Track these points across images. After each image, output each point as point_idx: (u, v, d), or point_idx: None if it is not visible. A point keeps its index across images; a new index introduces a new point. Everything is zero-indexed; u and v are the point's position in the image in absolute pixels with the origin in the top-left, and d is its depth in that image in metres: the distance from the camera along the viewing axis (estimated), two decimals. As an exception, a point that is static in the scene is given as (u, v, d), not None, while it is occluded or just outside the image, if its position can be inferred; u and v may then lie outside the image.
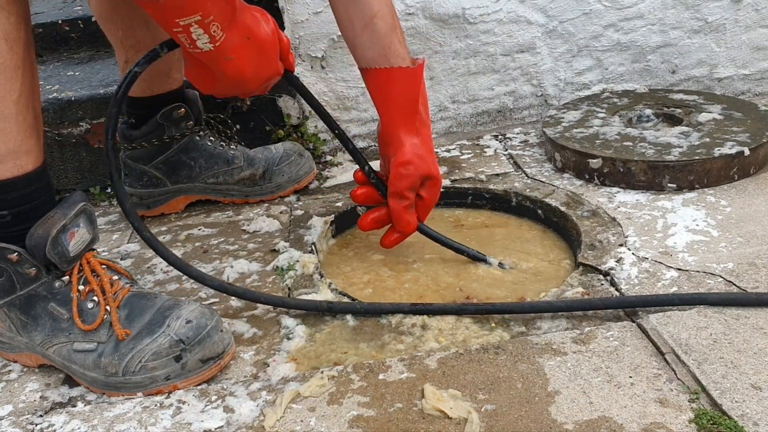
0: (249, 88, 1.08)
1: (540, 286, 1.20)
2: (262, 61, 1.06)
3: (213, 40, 0.98)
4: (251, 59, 1.04)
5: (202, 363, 0.99)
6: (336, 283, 1.23)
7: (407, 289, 1.23)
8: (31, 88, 0.99)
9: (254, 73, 1.06)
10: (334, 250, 1.38)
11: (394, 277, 1.27)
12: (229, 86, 1.07)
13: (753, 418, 0.83)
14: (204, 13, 0.95)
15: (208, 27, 0.96)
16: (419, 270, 1.28)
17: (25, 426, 0.96)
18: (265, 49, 1.05)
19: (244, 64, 1.03)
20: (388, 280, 1.26)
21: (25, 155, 0.99)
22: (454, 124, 1.79)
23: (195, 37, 0.96)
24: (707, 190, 1.35)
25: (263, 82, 1.08)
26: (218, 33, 0.97)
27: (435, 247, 1.30)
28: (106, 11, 1.39)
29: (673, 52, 1.75)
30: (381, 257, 1.33)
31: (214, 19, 0.96)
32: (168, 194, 1.52)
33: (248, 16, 1.03)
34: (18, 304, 1.03)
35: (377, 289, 1.24)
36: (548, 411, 0.87)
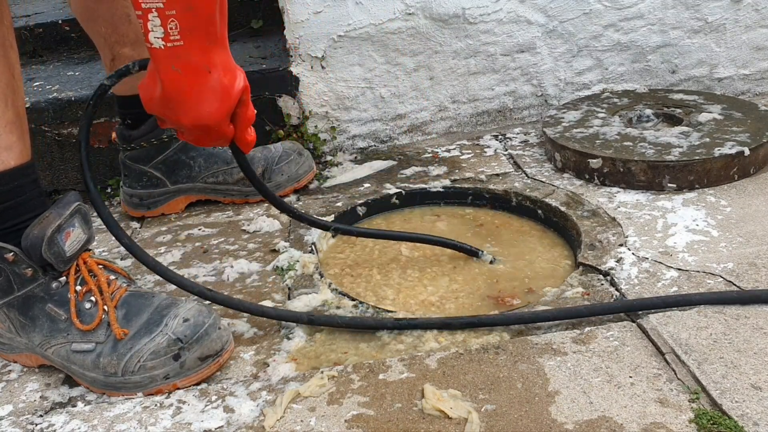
0: (181, 119, 0.96)
1: (542, 282, 1.20)
2: (209, 102, 0.95)
3: (166, 38, 0.91)
4: (197, 89, 0.94)
5: (201, 361, 0.99)
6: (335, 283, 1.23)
7: (405, 289, 1.23)
8: (9, 86, 0.99)
9: (194, 106, 0.95)
10: (335, 250, 1.38)
11: (394, 278, 1.27)
12: (165, 104, 0.96)
13: (753, 418, 0.82)
14: (167, 3, 0.89)
15: (165, 20, 0.90)
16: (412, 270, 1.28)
17: (25, 426, 0.96)
18: (219, 94, 0.95)
19: (187, 87, 0.94)
20: (388, 280, 1.26)
21: (5, 151, 0.99)
22: (454, 124, 1.79)
23: (150, 27, 0.91)
24: (707, 190, 1.35)
25: (199, 123, 0.96)
26: (174, 33, 0.91)
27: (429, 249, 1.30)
28: (88, 10, 1.39)
29: (673, 52, 1.75)
30: (381, 258, 1.33)
31: (175, 16, 0.90)
32: (168, 194, 1.52)
33: (225, 57, 0.95)
34: (16, 305, 1.03)
35: (377, 289, 1.24)
36: (548, 411, 0.87)
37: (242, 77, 0.97)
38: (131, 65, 1.05)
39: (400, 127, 1.76)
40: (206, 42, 0.92)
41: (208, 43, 0.93)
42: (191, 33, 0.91)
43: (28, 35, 1.98)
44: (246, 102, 0.99)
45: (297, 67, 1.67)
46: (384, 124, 1.75)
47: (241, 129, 1.00)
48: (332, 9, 1.63)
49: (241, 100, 0.98)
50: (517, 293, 1.19)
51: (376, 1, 1.63)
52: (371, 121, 1.74)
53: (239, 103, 0.98)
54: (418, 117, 1.76)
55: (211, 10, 0.91)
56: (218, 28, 0.93)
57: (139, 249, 1.09)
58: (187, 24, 0.90)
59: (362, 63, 1.68)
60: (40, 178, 1.09)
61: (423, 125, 1.77)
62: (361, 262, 1.32)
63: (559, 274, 1.23)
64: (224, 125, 0.98)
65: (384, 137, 1.77)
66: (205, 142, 1.00)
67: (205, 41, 0.92)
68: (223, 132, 0.99)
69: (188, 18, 0.90)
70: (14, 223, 1.00)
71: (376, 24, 1.65)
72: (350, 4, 1.62)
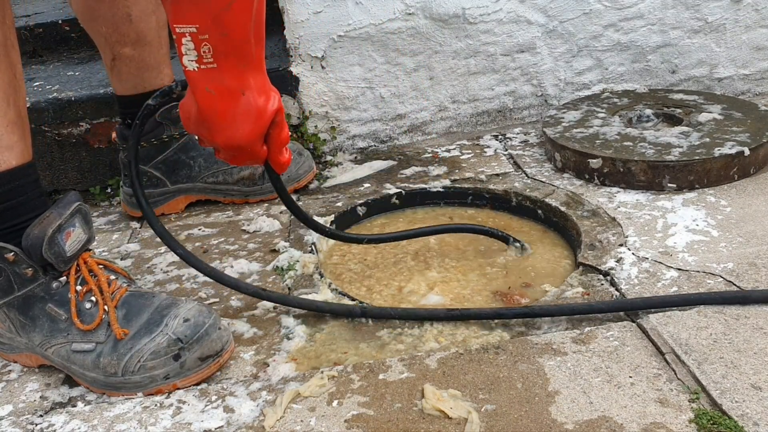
0: (216, 139, 0.98)
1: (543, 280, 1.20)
2: (242, 123, 0.96)
3: (199, 61, 0.92)
4: (231, 111, 0.95)
5: (201, 361, 0.99)
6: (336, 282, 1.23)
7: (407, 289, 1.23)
8: (11, 86, 1.00)
9: (228, 127, 0.96)
10: (335, 249, 1.38)
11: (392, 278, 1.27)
12: (200, 124, 0.98)
13: (753, 418, 0.82)
14: (200, 28, 0.90)
15: (199, 44, 0.91)
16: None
17: (25, 426, 0.96)
18: (252, 116, 0.96)
19: (221, 108, 0.95)
20: (387, 280, 1.26)
21: (7, 150, 0.99)
22: (454, 124, 1.79)
23: (184, 51, 0.92)
24: (707, 190, 1.35)
25: (232, 143, 0.98)
26: (208, 56, 0.92)
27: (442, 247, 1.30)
28: (88, 9, 1.39)
29: (673, 52, 1.75)
30: (381, 258, 1.33)
31: (208, 40, 0.91)
32: (168, 194, 1.52)
33: (259, 79, 0.97)
34: (16, 304, 1.03)
35: (377, 288, 1.24)
36: (548, 411, 0.87)
37: (276, 99, 0.98)
38: (174, 86, 1.06)
39: (400, 127, 1.76)
40: (240, 65, 0.93)
41: (242, 66, 0.94)
42: (225, 56, 0.92)
43: (28, 35, 1.98)
44: (279, 123, 0.99)
45: (297, 67, 1.67)
46: (384, 124, 1.75)
47: (274, 150, 1.01)
48: (332, 9, 1.63)
49: (274, 122, 0.98)
50: (526, 293, 1.19)
51: (376, 1, 1.63)
52: (371, 121, 1.74)
53: (272, 124, 0.99)
54: (418, 117, 1.76)
55: (245, 36, 0.92)
56: (253, 52, 0.94)
57: (194, 257, 1.11)
58: (221, 48, 0.92)
59: (362, 63, 1.68)
60: (41, 178, 1.09)
61: (423, 125, 1.77)
62: (362, 263, 1.32)
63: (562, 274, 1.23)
64: (257, 146, 0.99)
65: (384, 137, 1.77)
66: (240, 161, 1.02)
67: (239, 64, 0.93)
68: (256, 153, 1.00)
69: (222, 42, 0.91)
70: (15, 223, 1.01)
71: (376, 24, 1.65)
72: (350, 4, 1.63)
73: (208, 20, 0.89)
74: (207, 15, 0.89)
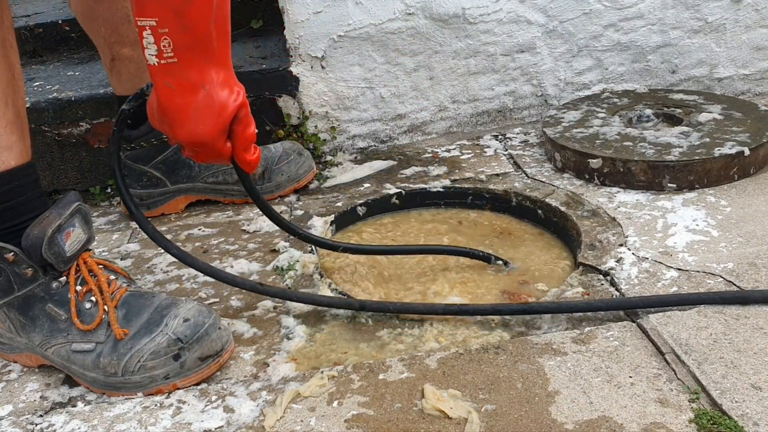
0: (177, 135, 0.96)
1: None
2: (202, 118, 0.94)
3: (159, 55, 0.91)
4: (191, 106, 0.93)
5: (201, 361, 0.99)
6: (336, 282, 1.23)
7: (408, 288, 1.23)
8: (9, 86, 1.00)
9: (188, 122, 0.94)
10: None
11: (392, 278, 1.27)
12: (161, 119, 0.97)
13: (753, 418, 0.82)
14: (159, 21, 0.89)
15: (159, 38, 0.90)
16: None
17: (25, 426, 0.96)
18: (213, 112, 0.94)
19: (181, 103, 0.93)
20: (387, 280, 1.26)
21: (5, 151, 0.99)
22: (454, 124, 1.79)
23: (145, 44, 0.91)
24: (707, 190, 1.35)
25: (193, 139, 0.95)
26: (167, 51, 0.90)
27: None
28: (87, 10, 1.40)
29: (673, 52, 1.75)
30: (381, 257, 1.33)
31: (168, 34, 0.89)
32: (168, 194, 1.52)
33: (223, 74, 0.94)
34: (16, 304, 1.03)
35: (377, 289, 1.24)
36: (548, 411, 0.87)
37: (240, 95, 0.96)
38: (146, 87, 1.05)
39: (400, 127, 1.76)
40: (201, 60, 0.92)
41: (203, 61, 0.92)
42: (185, 51, 0.91)
43: (28, 35, 1.98)
44: (242, 120, 0.97)
45: (297, 67, 1.67)
46: (384, 124, 1.75)
47: (238, 147, 0.99)
48: (332, 9, 1.63)
49: (237, 118, 0.96)
50: (533, 293, 1.19)
51: (376, 1, 1.63)
52: (371, 121, 1.74)
53: (236, 120, 0.96)
54: (418, 117, 1.76)
55: (206, 29, 0.90)
56: (215, 46, 0.92)
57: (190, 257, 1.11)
58: (181, 42, 0.90)
59: (362, 63, 1.68)
60: (40, 178, 1.09)
61: (423, 125, 1.77)
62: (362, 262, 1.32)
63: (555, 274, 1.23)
64: (219, 143, 0.96)
65: (384, 137, 1.77)
66: (205, 158, 0.99)
67: (200, 59, 0.92)
68: (219, 149, 0.97)
69: (182, 36, 0.90)
70: (14, 223, 1.01)
71: (376, 24, 1.65)
72: (350, 4, 1.63)
73: (168, 13, 0.88)
74: (167, 8, 0.88)
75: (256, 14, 1.99)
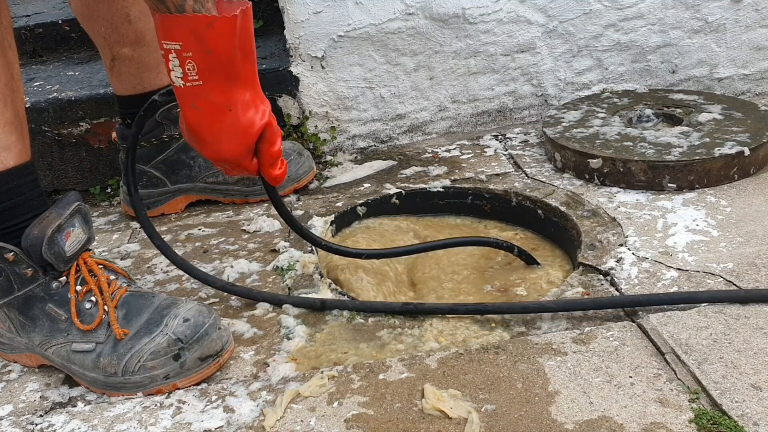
0: (204, 152, 1.00)
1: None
2: (228, 139, 0.96)
3: (185, 78, 0.93)
4: (217, 127, 0.96)
5: (201, 361, 0.99)
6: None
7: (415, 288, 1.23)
8: (8, 86, 1.00)
9: (214, 142, 0.97)
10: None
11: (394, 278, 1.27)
12: (188, 135, 1.00)
13: (753, 418, 0.82)
14: (184, 46, 0.90)
15: (183, 61, 0.91)
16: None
17: (25, 426, 0.96)
18: (239, 133, 0.96)
19: (206, 125, 0.95)
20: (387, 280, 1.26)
21: (4, 151, 0.99)
22: (454, 124, 1.79)
23: (171, 67, 0.93)
24: (707, 190, 1.35)
25: (219, 158, 0.99)
26: (192, 74, 0.92)
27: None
28: (87, 9, 1.40)
29: (673, 52, 1.75)
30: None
31: (192, 57, 0.91)
32: (168, 194, 1.52)
33: (248, 95, 0.96)
34: (16, 305, 1.03)
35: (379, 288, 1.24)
36: (548, 411, 0.87)
37: (266, 114, 0.98)
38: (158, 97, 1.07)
39: (400, 127, 1.76)
40: (226, 82, 0.93)
41: (227, 83, 0.93)
42: (210, 74, 0.92)
43: (28, 35, 1.98)
44: (269, 138, 0.99)
45: (297, 67, 1.67)
46: (384, 124, 1.75)
47: (264, 164, 1.01)
48: (332, 9, 1.63)
49: (263, 137, 0.98)
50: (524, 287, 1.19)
51: (376, 1, 1.63)
52: (371, 121, 1.74)
53: (261, 139, 0.98)
54: (418, 117, 1.76)
55: (229, 53, 0.92)
56: (239, 68, 0.93)
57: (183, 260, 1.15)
58: (205, 65, 0.91)
59: (362, 63, 1.68)
60: (40, 178, 1.09)
61: (423, 125, 1.77)
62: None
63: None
64: (244, 161, 0.99)
65: (384, 137, 1.77)
66: (233, 173, 1.03)
67: (224, 81, 0.93)
68: (245, 167, 1.00)
69: (206, 60, 0.91)
70: (14, 223, 1.01)
71: (376, 24, 1.65)
72: (350, 4, 1.63)
73: (190, 38, 0.89)
74: (189, 33, 0.89)
75: (256, 14, 1.99)
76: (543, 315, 1.06)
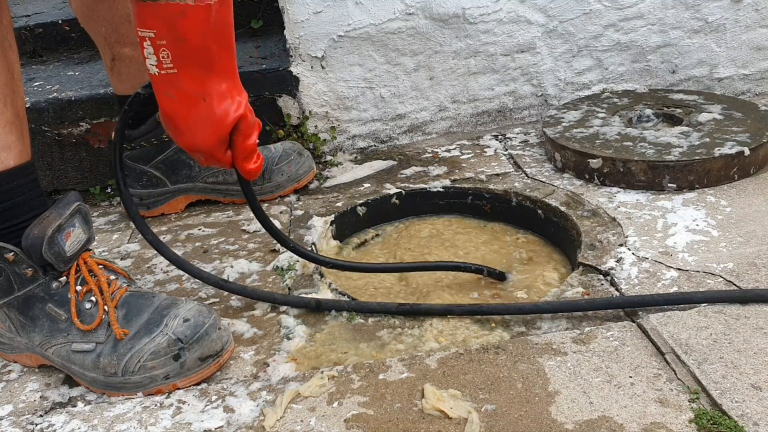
0: (178, 141, 0.98)
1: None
2: (201, 129, 0.95)
3: (159, 66, 0.91)
4: (191, 116, 0.94)
5: (201, 361, 0.99)
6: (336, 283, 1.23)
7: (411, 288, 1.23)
8: (8, 86, 1.00)
9: (187, 131, 0.96)
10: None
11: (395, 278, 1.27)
12: (164, 123, 0.99)
13: (753, 418, 0.82)
14: (157, 33, 0.89)
15: (158, 49, 0.90)
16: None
17: (25, 426, 0.96)
18: (212, 123, 0.95)
19: (181, 113, 0.94)
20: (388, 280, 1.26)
21: (4, 151, 0.99)
22: (454, 124, 1.79)
23: (146, 54, 0.92)
24: (707, 190, 1.35)
25: (192, 147, 0.98)
26: (167, 61, 0.91)
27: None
28: (88, 9, 1.40)
29: (673, 52, 1.75)
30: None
31: (166, 46, 0.90)
32: (168, 194, 1.52)
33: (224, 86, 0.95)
34: (16, 305, 1.03)
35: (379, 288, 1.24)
36: (548, 411, 0.87)
37: (241, 106, 0.96)
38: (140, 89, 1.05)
39: (400, 127, 1.76)
40: (201, 71, 0.92)
41: (203, 72, 0.92)
42: (183, 62, 0.91)
43: (28, 35, 1.98)
44: (243, 131, 0.97)
45: (297, 67, 1.67)
46: (384, 124, 1.75)
47: (238, 157, 0.99)
48: (332, 9, 1.63)
49: (237, 129, 0.97)
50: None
51: (376, 1, 1.63)
52: (371, 121, 1.74)
53: (236, 131, 0.97)
54: (418, 117, 1.76)
55: (203, 42, 0.91)
56: (215, 57, 0.93)
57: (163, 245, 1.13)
58: (179, 53, 0.91)
59: (362, 63, 1.68)
60: (40, 178, 1.09)
61: (423, 125, 1.77)
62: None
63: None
64: (218, 152, 0.98)
65: (384, 137, 1.77)
66: (206, 163, 1.01)
67: (199, 70, 0.92)
68: (218, 158, 0.98)
69: (179, 48, 0.90)
70: (14, 223, 1.01)
71: (376, 24, 1.65)
72: (350, 4, 1.63)
73: (163, 26, 0.89)
74: (162, 21, 0.88)
75: (256, 14, 1.99)
76: (543, 315, 1.06)
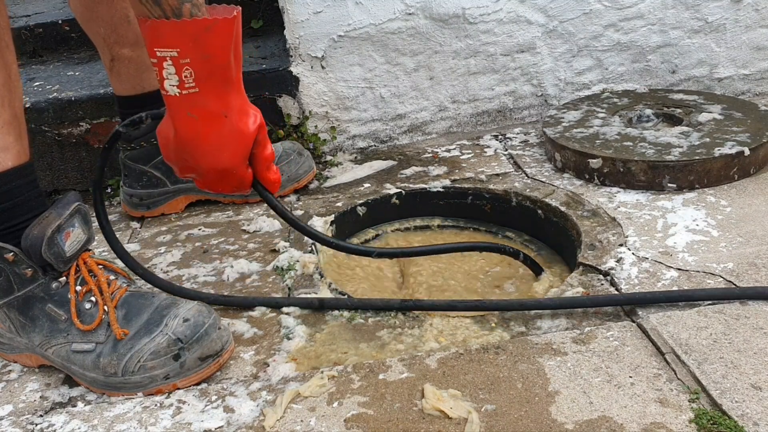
0: (200, 164, 0.96)
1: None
2: (226, 145, 0.95)
3: (181, 86, 0.90)
4: (215, 134, 0.94)
5: (201, 361, 0.99)
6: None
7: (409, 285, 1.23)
8: (5, 87, 1.00)
9: (211, 150, 0.95)
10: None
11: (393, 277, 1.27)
12: (181, 150, 0.96)
13: (753, 418, 0.82)
14: (181, 52, 0.88)
15: (180, 68, 0.89)
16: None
17: (25, 426, 0.96)
18: (236, 138, 0.95)
19: (203, 132, 0.93)
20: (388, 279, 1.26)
21: (2, 152, 0.99)
22: (454, 124, 1.79)
23: (165, 75, 0.90)
24: (707, 190, 1.35)
25: (217, 167, 0.96)
26: (189, 81, 0.90)
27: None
28: (87, 10, 1.40)
29: (673, 52, 1.75)
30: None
31: (190, 64, 0.89)
32: (168, 194, 1.52)
33: (240, 100, 0.95)
34: (16, 305, 1.03)
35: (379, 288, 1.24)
36: (548, 411, 0.87)
37: (258, 117, 0.97)
38: (144, 116, 1.06)
39: (400, 127, 1.76)
40: (222, 87, 0.92)
41: (223, 89, 0.93)
42: (207, 80, 0.91)
43: (28, 35, 1.98)
44: (262, 142, 0.98)
45: (297, 67, 1.67)
46: (384, 124, 1.75)
47: (260, 169, 1.00)
48: (332, 9, 1.63)
49: (257, 141, 0.97)
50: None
51: (376, 1, 1.63)
52: (371, 121, 1.74)
53: (256, 143, 0.97)
54: (418, 117, 1.76)
55: (227, 57, 0.91)
56: (233, 73, 0.93)
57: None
58: (203, 71, 0.90)
59: (362, 63, 1.68)
60: (39, 178, 1.08)
61: (423, 125, 1.77)
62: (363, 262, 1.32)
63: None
64: (242, 168, 0.98)
65: (384, 137, 1.77)
66: (224, 188, 1.00)
67: (221, 87, 0.92)
68: (241, 175, 0.98)
69: (204, 65, 0.90)
70: (14, 223, 1.01)
71: (376, 24, 1.65)
72: (350, 4, 1.63)
73: (188, 43, 0.88)
74: (188, 38, 0.88)
75: (256, 14, 1.99)
76: (543, 315, 1.06)
